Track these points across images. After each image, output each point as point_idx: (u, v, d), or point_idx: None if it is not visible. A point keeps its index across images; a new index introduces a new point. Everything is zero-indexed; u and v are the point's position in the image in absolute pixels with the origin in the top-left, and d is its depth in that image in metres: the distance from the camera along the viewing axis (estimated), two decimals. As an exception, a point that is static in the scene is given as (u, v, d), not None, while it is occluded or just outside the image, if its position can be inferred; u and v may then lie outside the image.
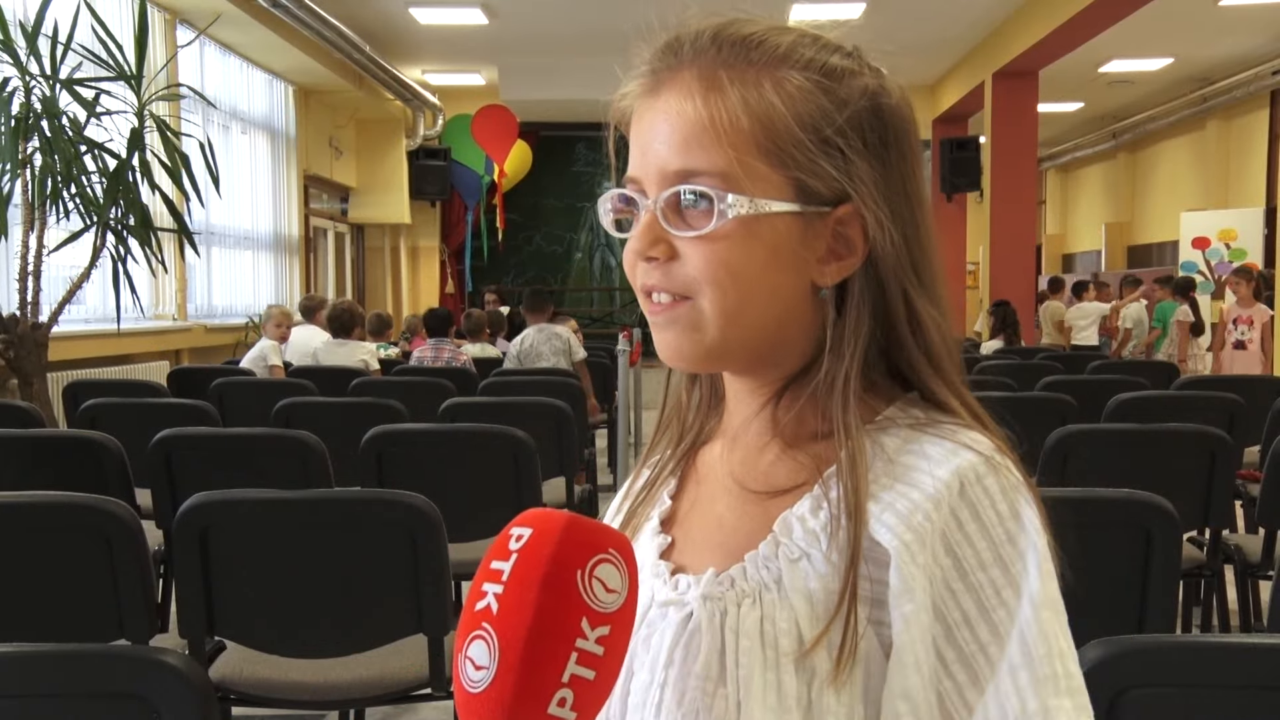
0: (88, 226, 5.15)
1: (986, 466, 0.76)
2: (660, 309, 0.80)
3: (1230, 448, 3.08)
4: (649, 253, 0.80)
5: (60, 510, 2.23)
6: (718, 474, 0.87)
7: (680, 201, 0.78)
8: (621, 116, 0.84)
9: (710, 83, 0.78)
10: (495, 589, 0.71)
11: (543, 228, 14.93)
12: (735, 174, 0.77)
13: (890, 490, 0.76)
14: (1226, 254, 12.59)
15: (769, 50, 0.79)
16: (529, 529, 0.73)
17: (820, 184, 0.78)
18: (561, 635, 0.69)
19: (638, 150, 0.81)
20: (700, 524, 0.86)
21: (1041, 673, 0.72)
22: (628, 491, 0.93)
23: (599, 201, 0.85)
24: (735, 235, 0.77)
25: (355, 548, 2.23)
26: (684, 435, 0.91)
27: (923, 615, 0.73)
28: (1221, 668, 1.27)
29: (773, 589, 0.77)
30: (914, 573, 0.73)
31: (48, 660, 1.30)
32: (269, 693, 2.31)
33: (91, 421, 3.91)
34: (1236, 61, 11.85)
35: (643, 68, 0.82)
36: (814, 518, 0.78)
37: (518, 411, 4.05)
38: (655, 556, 0.86)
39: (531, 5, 9.28)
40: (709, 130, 0.77)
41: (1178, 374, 6.08)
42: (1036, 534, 0.75)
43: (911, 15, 9.59)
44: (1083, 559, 0.86)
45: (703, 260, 0.78)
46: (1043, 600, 0.73)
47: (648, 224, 0.79)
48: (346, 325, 6.56)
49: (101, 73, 5.22)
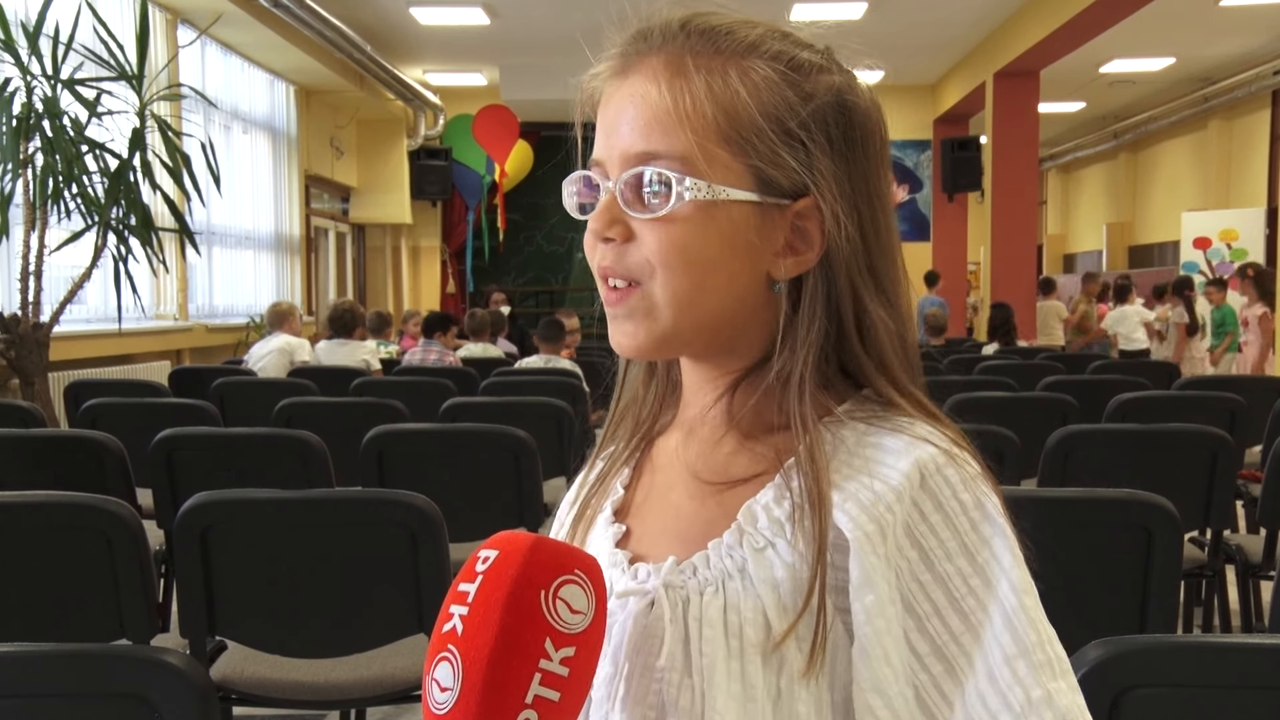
0: (89, 226, 5.15)
1: (945, 458, 0.76)
2: (616, 296, 0.81)
3: (1231, 448, 3.07)
4: (606, 233, 0.80)
5: (61, 510, 2.23)
6: (674, 464, 0.86)
7: (641, 184, 0.78)
8: (589, 99, 0.85)
9: (676, 68, 0.79)
10: (461, 610, 0.71)
11: (543, 228, 14.92)
12: (695, 158, 0.77)
13: (852, 480, 0.76)
14: (1227, 254, 12.59)
15: (737, 40, 0.79)
16: (495, 551, 0.73)
17: (780, 175, 0.78)
18: (524, 656, 0.70)
19: (603, 133, 0.82)
20: (657, 513, 0.85)
21: (1038, 659, 0.73)
22: (581, 483, 0.93)
23: (564, 184, 0.86)
24: (692, 219, 0.77)
25: (356, 548, 2.23)
26: (639, 427, 0.91)
27: (888, 607, 0.73)
28: (1222, 668, 1.27)
29: (736, 578, 0.77)
30: (875, 563, 0.73)
31: (48, 660, 1.30)
32: (270, 693, 2.31)
33: (93, 421, 3.91)
34: (1237, 61, 11.85)
35: (612, 52, 0.83)
36: (778, 506, 0.78)
37: (518, 411, 4.04)
38: (611, 545, 0.85)
39: (532, 5, 9.28)
40: (671, 114, 0.77)
41: (1178, 374, 6.08)
42: (1002, 520, 0.76)
43: (912, 15, 9.59)
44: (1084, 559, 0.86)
45: (657, 242, 0.78)
46: (1023, 586, 0.74)
47: (606, 204, 0.80)
48: (347, 325, 6.56)
49: (103, 73, 5.22)
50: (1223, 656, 1.28)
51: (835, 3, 9.09)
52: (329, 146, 11.74)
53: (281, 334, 6.37)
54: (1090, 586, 2.13)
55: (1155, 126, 14.59)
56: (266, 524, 2.24)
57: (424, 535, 2.16)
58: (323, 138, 11.52)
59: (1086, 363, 6.48)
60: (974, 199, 12.62)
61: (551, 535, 0.93)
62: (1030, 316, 10.43)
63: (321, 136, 11.47)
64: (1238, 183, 13.37)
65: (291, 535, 2.24)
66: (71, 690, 1.29)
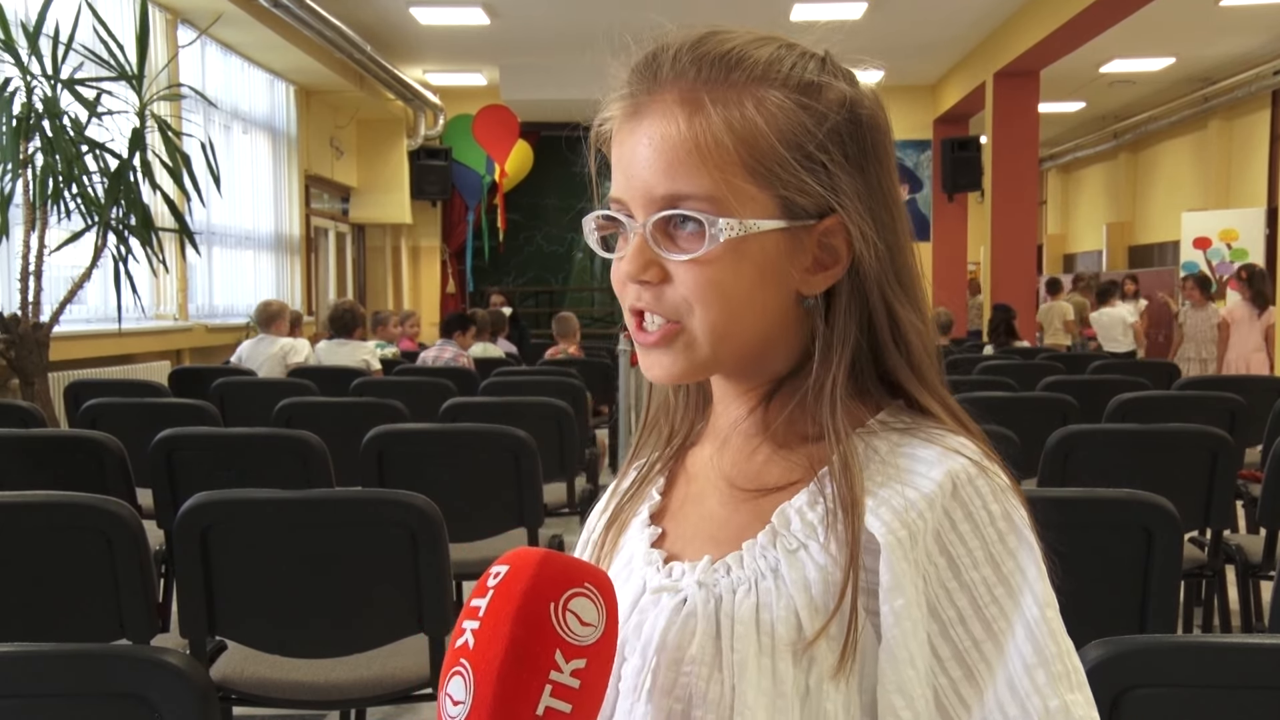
0: (89, 226, 5.15)
1: (977, 469, 0.78)
2: (654, 338, 0.81)
3: (1231, 448, 3.08)
4: (641, 276, 0.80)
5: (61, 510, 2.23)
6: (708, 474, 0.87)
7: (671, 225, 0.79)
8: (601, 137, 0.85)
9: (693, 105, 0.78)
10: (473, 625, 0.72)
11: (543, 228, 14.90)
12: (723, 196, 0.77)
13: (885, 488, 0.77)
14: (1228, 254, 12.59)
15: (749, 68, 0.79)
16: (506, 566, 0.74)
17: (805, 199, 0.79)
18: (534, 668, 0.70)
19: (621, 173, 0.81)
20: (692, 517, 0.87)
21: (1056, 670, 0.74)
22: (613, 492, 0.94)
23: (584, 221, 0.86)
24: (726, 257, 0.78)
25: (356, 548, 2.23)
26: (672, 437, 0.92)
27: (914, 610, 0.74)
28: (1222, 668, 1.27)
29: (769, 578, 0.78)
30: (905, 568, 0.74)
31: (48, 660, 1.30)
32: (270, 693, 2.32)
33: (93, 421, 3.91)
34: (1238, 61, 11.85)
35: (622, 90, 0.82)
36: (812, 510, 0.79)
37: (519, 411, 4.05)
38: (646, 546, 0.86)
39: (532, 5, 9.28)
40: (694, 153, 0.77)
41: (1178, 374, 6.08)
42: (1030, 533, 0.77)
43: (912, 15, 9.59)
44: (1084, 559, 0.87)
45: (694, 282, 0.79)
46: (1046, 599, 0.75)
47: (638, 247, 0.80)
48: (348, 325, 6.55)
49: (103, 73, 5.22)
50: (1223, 656, 1.28)
51: (835, 3, 9.09)
52: (329, 146, 11.73)
53: (272, 336, 6.37)
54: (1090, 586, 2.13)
55: (1155, 126, 14.58)
56: (266, 524, 2.24)
57: (424, 535, 2.16)
58: (323, 138, 11.52)
59: (1086, 363, 6.48)
60: (974, 199, 12.61)
61: (580, 542, 0.94)
62: (1031, 317, 10.43)
63: (321, 136, 11.46)
64: (1238, 183, 13.36)
65: (291, 535, 2.24)
66: (71, 690, 1.29)
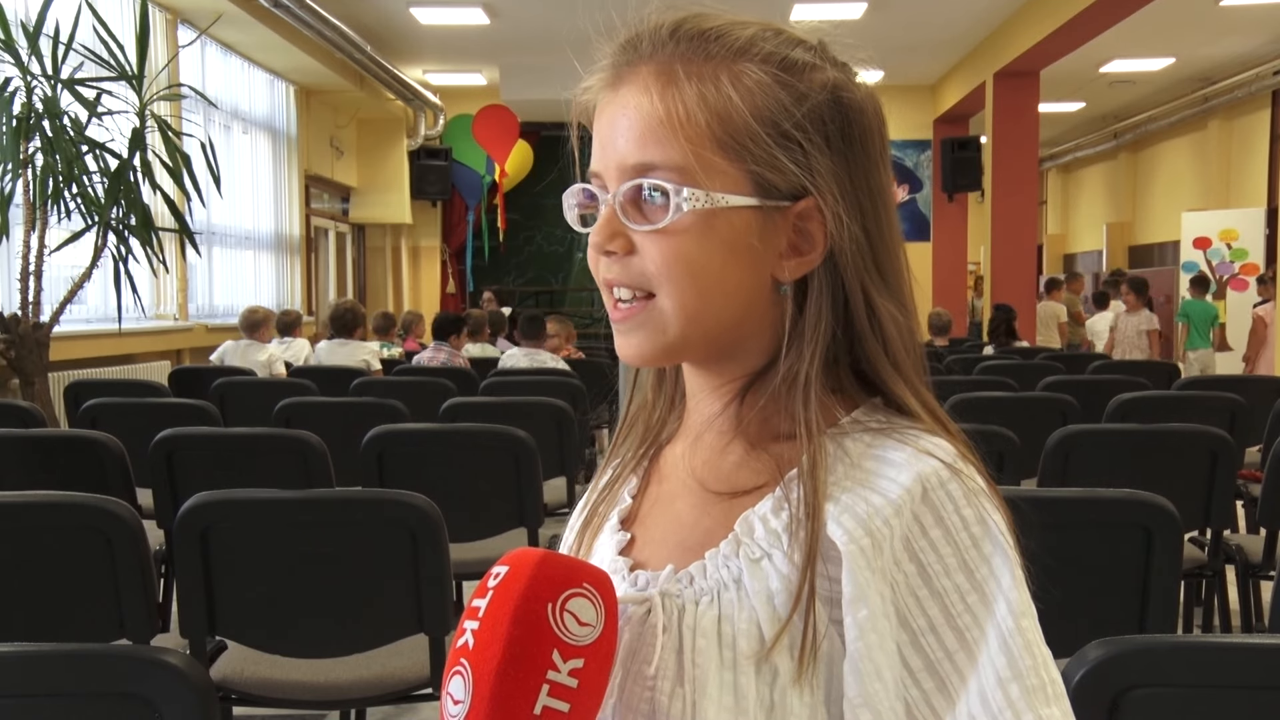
0: (89, 226, 5.15)
1: (949, 472, 0.75)
2: (623, 313, 0.80)
3: (1231, 448, 3.08)
4: (607, 246, 0.80)
5: (61, 510, 2.23)
6: (679, 473, 0.86)
7: (639, 195, 0.78)
8: (584, 111, 0.84)
9: (667, 77, 0.78)
10: (473, 625, 0.73)
11: (543, 228, 14.89)
12: (691, 168, 0.76)
13: (850, 493, 0.75)
14: (1227, 254, 12.59)
15: (727, 44, 0.79)
16: (506, 567, 0.75)
17: (779, 178, 0.78)
18: (532, 668, 0.71)
19: (599, 145, 0.81)
20: (660, 521, 0.85)
21: (1031, 683, 0.71)
22: (591, 490, 0.93)
23: (564, 196, 0.85)
24: (693, 230, 0.77)
25: (356, 548, 2.23)
26: (648, 434, 0.91)
27: (880, 622, 0.72)
28: (1222, 668, 1.27)
29: (731, 588, 0.77)
30: (868, 578, 0.72)
31: (48, 660, 1.30)
32: (270, 693, 2.32)
33: (93, 421, 3.91)
34: (1238, 61, 11.85)
35: (604, 63, 0.82)
36: (775, 518, 0.77)
37: (518, 411, 4.04)
38: (614, 553, 0.85)
39: (532, 5, 9.28)
40: (665, 124, 0.77)
41: (1178, 374, 6.08)
42: (1005, 539, 0.74)
43: (912, 15, 9.59)
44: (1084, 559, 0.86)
45: (659, 254, 0.78)
46: (1021, 608, 0.73)
47: (606, 217, 0.80)
48: (348, 325, 6.56)
49: (103, 72, 5.22)
50: (1223, 656, 1.28)
51: (835, 3, 9.10)
52: (329, 146, 11.73)
53: (258, 342, 6.36)
54: (1090, 586, 2.13)
55: (1155, 126, 14.58)
56: (266, 524, 2.24)
57: (424, 535, 2.16)
58: (323, 138, 11.52)
59: (1086, 363, 6.48)
60: (974, 199, 12.62)
61: (564, 541, 0.93)
62: (1031, 317, 10.43)
63: (321, 136, 11.46)
64: (1238, 183, 13.36)
65: (291, 535, 2.24)
66: (71, 690, 1.29)
